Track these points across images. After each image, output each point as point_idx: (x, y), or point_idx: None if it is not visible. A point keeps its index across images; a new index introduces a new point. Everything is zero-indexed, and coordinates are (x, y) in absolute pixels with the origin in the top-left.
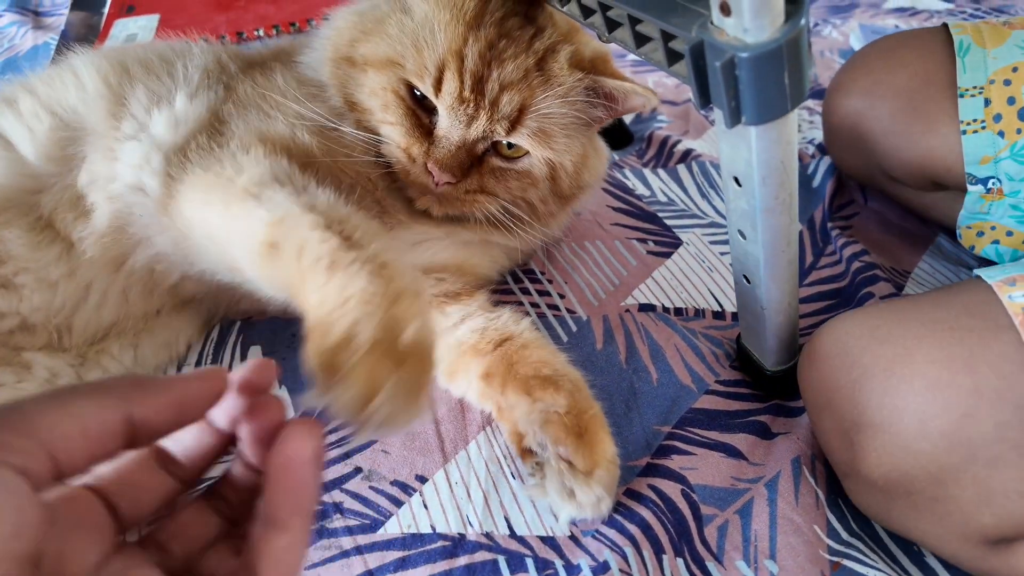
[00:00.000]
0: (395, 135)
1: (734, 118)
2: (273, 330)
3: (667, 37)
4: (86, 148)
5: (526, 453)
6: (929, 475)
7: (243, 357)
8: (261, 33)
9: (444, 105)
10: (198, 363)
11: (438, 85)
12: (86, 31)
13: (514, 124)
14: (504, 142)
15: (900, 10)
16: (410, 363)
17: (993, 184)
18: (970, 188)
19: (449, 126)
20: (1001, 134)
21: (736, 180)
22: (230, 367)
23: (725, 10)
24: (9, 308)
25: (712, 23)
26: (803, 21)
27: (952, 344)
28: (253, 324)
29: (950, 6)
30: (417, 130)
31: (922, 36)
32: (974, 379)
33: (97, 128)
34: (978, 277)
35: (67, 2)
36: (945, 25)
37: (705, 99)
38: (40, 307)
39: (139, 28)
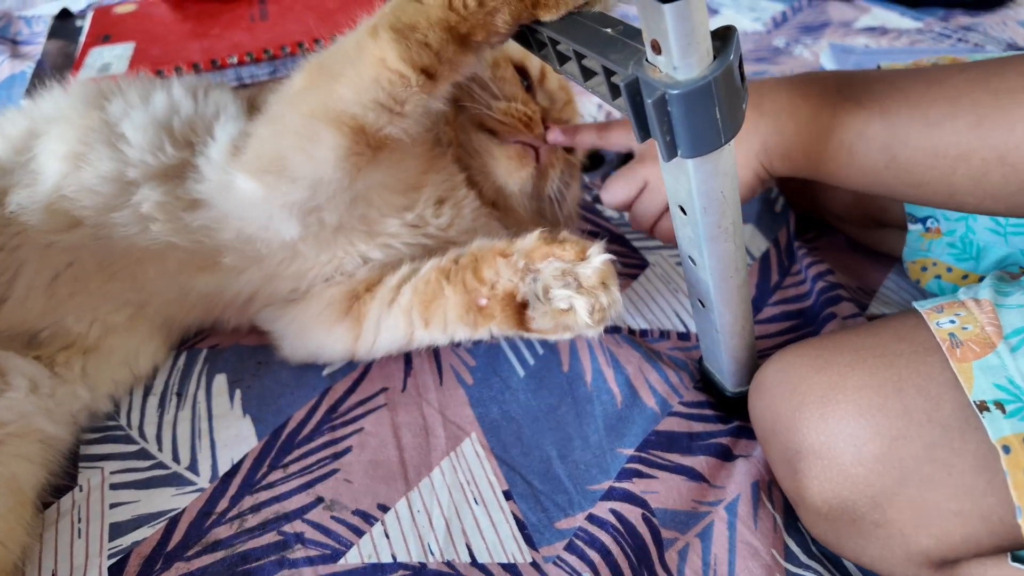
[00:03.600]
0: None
1: (670, 151)
2: (239, 358)
3: (609, 72)
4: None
5: (523, 311)
6: (868, 499)
7: (209, 386)
8: (235, 61)
9: (548, 87)
10: (164, 392)
11: (542, 78)
12: (63, 60)
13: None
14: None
15: (870, 29)
16: None
17: (931, 223)
18: (910, 227)
19: (550, 103)
20: None
21: (681, 209)
22: (195, 396)
23: (656, 48)
24: None
25: (647, 60)
26: (732, 57)
27: (882, 369)
28: (220, 352)
29: (919, 25)
30: (531, 97)
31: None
32: (903, 402)
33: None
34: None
35: (44, 31)
36: (879, 68)
37: (644, 133)
38: None
39: (114, 57)
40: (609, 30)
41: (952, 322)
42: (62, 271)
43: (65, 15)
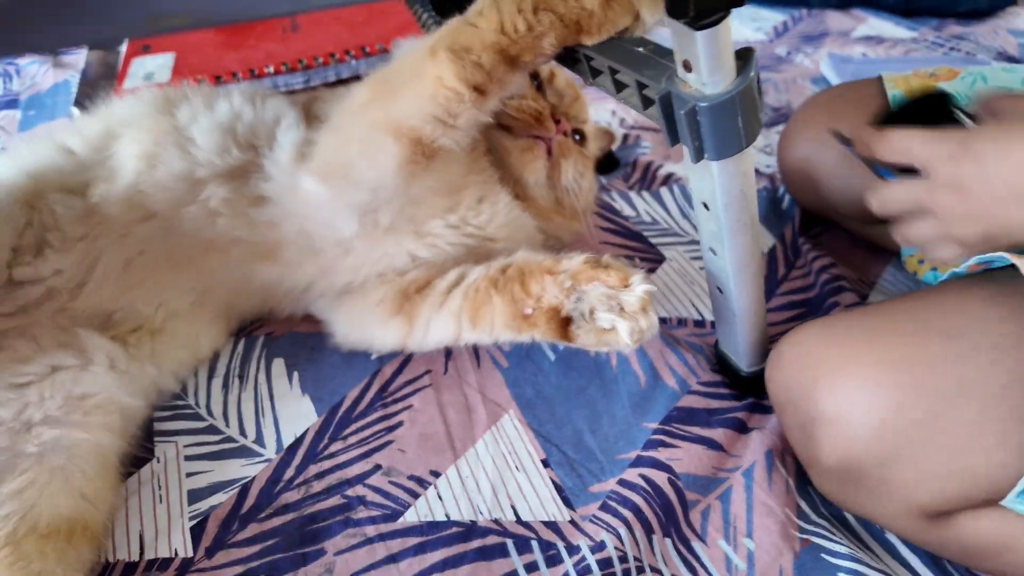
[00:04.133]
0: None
1: (698, 155)
2: (294, 344)
3: (641, 86)
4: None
5: (567, 326)
6: (874, 460)
7: (268, 368)
8: (271, 70)
9: (558, 85)
10: (227, 375)
11: (551, 78)
12: (105, 69)
13: (584, 121)
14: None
15: (867, 38)
16: None
17: None
18: None
19: (559, 99)
20: None
21: (705, 205)
22: (256, 378)
23: (687, 67)
24: (37, 273)
25: (677, 76)
26: (752, 73)
27: (890, 345)
28: (275, 338)
29: (914, 35)
30: (542, 96)
31: (860, 89)
32: (907, 374)
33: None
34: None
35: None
36: (880, 78)
37: (674, 138)
38: (60, 268)
39: (156, 66)
40: (641, 49)
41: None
42: (134, 258)
43: None
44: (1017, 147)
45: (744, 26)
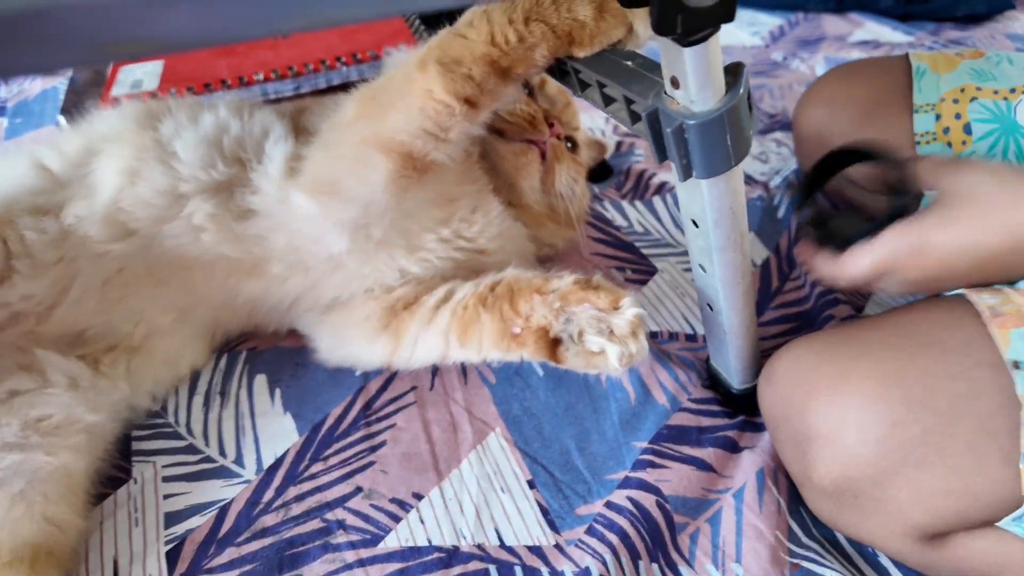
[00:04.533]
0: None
1: (686, 173)
2: (278, 359)
3: (629, 101)
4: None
5: (556, 346)
6: (869, 479)
7: (250, 385)
8: (261, 77)
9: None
10: (208, 392)
11: (542, 85)
12: (93, 76)
13: (575, 129)
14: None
15: (864, 43)
16: None
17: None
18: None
19: (551, 105)
20: (949, 145)
21: (694, 222)
22: (237, 395)
23: (675, 83)
24: (6, 299)
25: (665, 92)
26: (741, 91)
27: (885, 361)
28: (259, 353)
29: (911, 39)
30: (533, 100)
31: (883, 62)
32: (903, 391)
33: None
34: (914, 301)
35: None
36: (907, 54)
37: (662, 156)
38: (27, 293)
39: (144, 74)
40: (630, 63)
41: (994, 299)
42: (112, 277)
43: None
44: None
45: (741, 30)
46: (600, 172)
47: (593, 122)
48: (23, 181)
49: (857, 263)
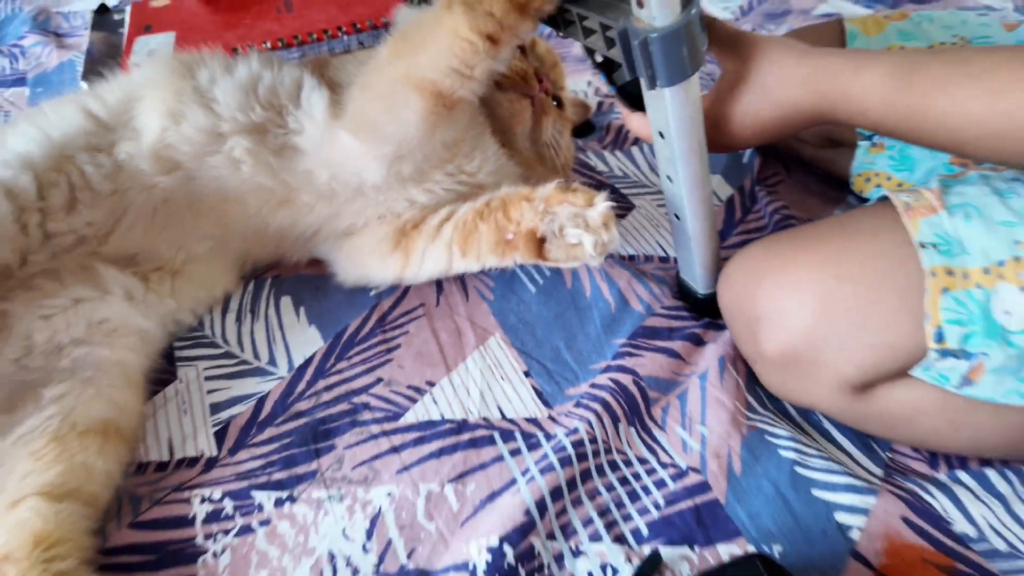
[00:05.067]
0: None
1: (651, 83)
2: (300, 284)
3: (604, 27)
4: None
5: (542, 245)
6: (808, 343)
7: (277, 304)
8: (268, 46)
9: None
10: (239, 310)
11: (533, 44)
12: (108, 49)
13: (563, 85)
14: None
15: (827, 15)
16: None
17: (876, 139)
18: (860, 143)
19: (540, 64)
20: None
21: (660, 134)
22: (266, 312)
23: (640, 4)
24: (70, 226)
25: (632, 13)
26: (695, 10)
27: (820, 249)
28: (283, 280)
29: (871, 11)
30: (525, 58)
31: (821, 28)
32: (834, 269)
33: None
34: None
35: (84, 24)
36: (840, 19)
37: (632, 69)
38: (91, 221)
39: (158, 44)
40: None
41: (909, 197)
42: (159, 207)
43: (103, 10)
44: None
45: (713, 5)
46: (584, 129)
47: (576, 86)
48: (74, 124)
49: (633, 122)
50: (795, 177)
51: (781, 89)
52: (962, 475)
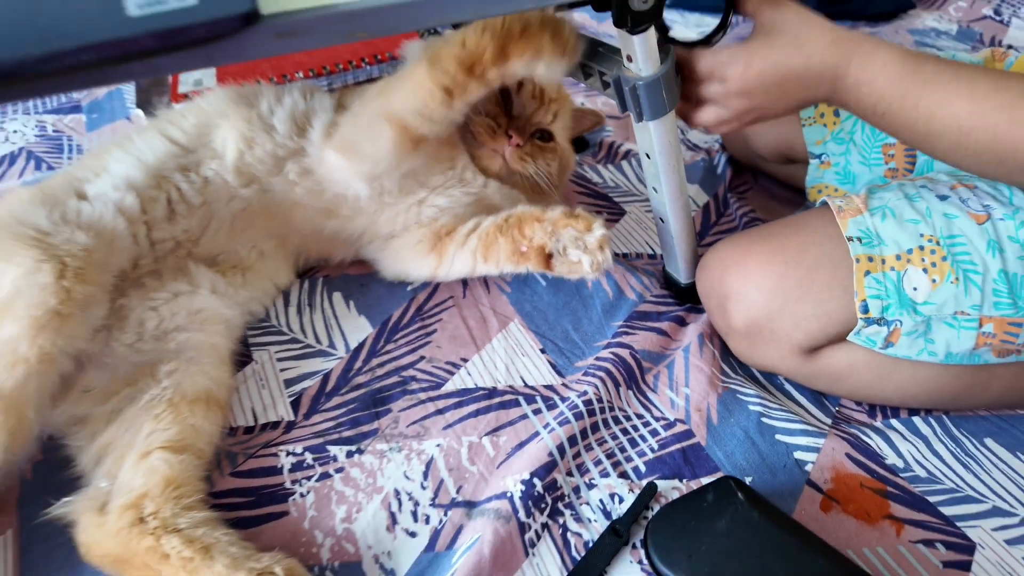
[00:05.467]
0: (489, 108)
1: (639, 117)
2: (347, 282)
3: (601, 73)
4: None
5: (549, 260)
6: (766, 316)
7: (330, 298)
8: (300, 75)
9: (524, 98)
10: (299, 304)
11: (519, 88)
12: (154, 79)
13: (553, 120)
14: (543, 129)
15: None
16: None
17: (824, 157)
18: (811, 160)
19: (522, 110)
20: (824, 126)
21: (647, 155)
22: (321, 305)
23: (629, 59)
24: (170, 233)
25: (624, 65)
26: (670, 63)
27: (771, 241)
28: (332, 279)
29: None
30: (500, 109)
31: None
32: (783, 256)
33: (229, 113)
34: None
35: None
36: None
37: (623, 108)
38: (186, 229)
39: (203, 74)
40: (600, 48)
41: (842, 201)
42: (238, 214)
43: None
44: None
45: (689, 31)
46: (578, 144)
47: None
48: (161, 149)
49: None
50: (761, 185)
51: (812, 44)
52: (894, 422)
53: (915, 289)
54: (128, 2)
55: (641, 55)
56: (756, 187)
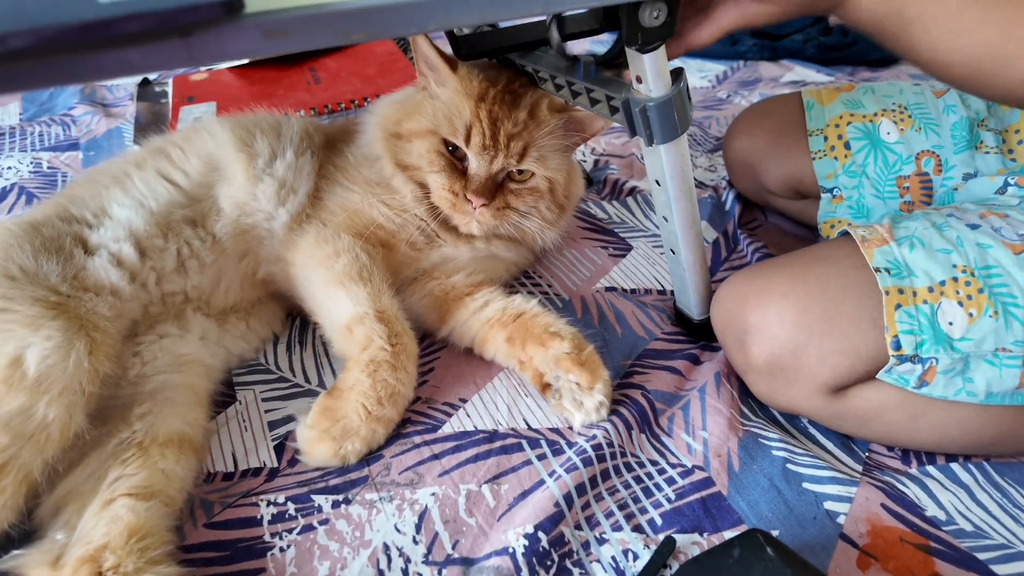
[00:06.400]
0: (440, 180)
1: (649, 140)
2: None
3: (609, 98)
4: (222, 176)
5: (545, 388)
6: (789, 352)
7: (322, 337)
8: (301, 113)
9: (473, 152)
10: (288, 341)
11: (467, 140)
12: (153, 117)
13: (521, 157)
14: (515, 170)
15: (793, 83)
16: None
17: (836, 191)
18: (823, 195)
19: (478, 166)
20: (835, 159)
21: (657, 182)
22: (312, 342)
23: (639, 80)
24: (180, 286)
25: (633, 87)
26: (682, 84)
27: (792, 272)
28: None
29: (831, 79)
30: (455, 173)
31: (784, 98)
32: (806, 288)
33: (230, 165)
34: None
35: (127, 95)
36: (800, 92)
37: (633, 132)
38: (197, 285)
39: (201, 112)
40: (607, 74)
41: (865, 231)
42: (247, 276)
43: (145, 82)
44: None
45: (692, 75)
46: (584, 181)
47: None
48: (166, 196)
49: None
50: (771, 222)
51: None
52: (931, 469)
53: (951, 324)
54: None
55: (652, 75)
56: (766, 224)
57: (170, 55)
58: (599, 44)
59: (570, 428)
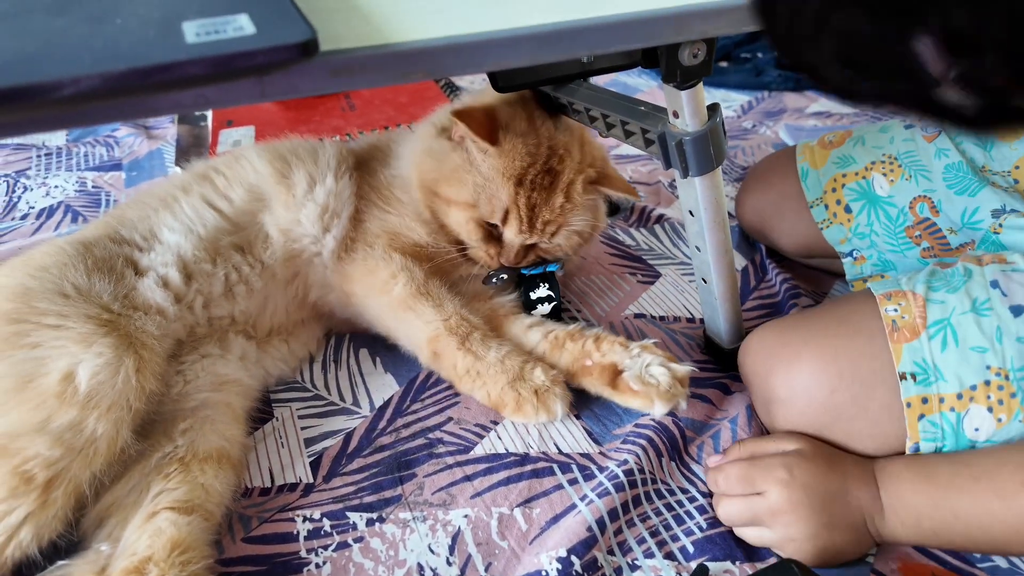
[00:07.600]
0: (477, 245)
1: (685, 173)
2: (374, 340)
3: (644, 131)
4: (266, 206)
5: (615, 378)
6: (815, 429)
7: (356, 354)
8: (337, 139)
9: (510, 232)
10: (324, 360)
11: (504, 220)
12: (193, 140)
13: (554, 235)
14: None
15: (818, 114)
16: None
17: (856, 253)
18: (843, 259)
19: (512, 239)
20: (841, 224)
21: (690, 212)
22: (347, 361)
23: (676, 115)
24: (228, 311)
25: (669, 122)
26: (718, 119)
27: (826, 345)
28: (359, 336)
29: (856, 110)
30: (490, 239)
31: (781, 161)
32: (837, 367)
33: (272, 196)
34: (856, 292)
35: (169, 118)
36: (793, 149)
37: (667, 164)
38: (244, 309)
39: (241, 135)
40: (641, 107)
41: (895, 311)
42: (291, 301)
43: None
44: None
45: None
46: (610, 209)
47: None
48: (212, 222)
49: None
50: None
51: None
52: None
53: (976, 430)
54: (187, 29)
55: (689, 110)
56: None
57: (245, 92)
58: (628, 76)
59: (601, 455)
